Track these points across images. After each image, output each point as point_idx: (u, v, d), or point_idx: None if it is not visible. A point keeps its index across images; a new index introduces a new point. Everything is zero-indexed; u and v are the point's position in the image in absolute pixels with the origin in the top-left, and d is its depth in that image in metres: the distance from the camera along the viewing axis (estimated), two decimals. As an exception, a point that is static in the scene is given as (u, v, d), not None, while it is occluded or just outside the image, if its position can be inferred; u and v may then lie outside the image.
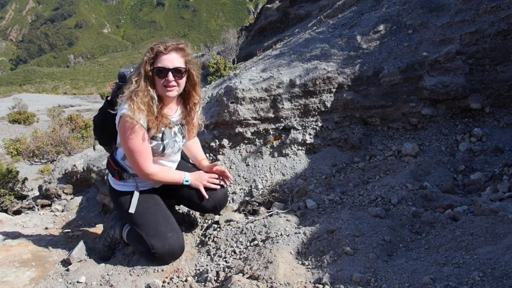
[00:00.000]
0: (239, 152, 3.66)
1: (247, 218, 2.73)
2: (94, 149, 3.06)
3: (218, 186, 2.55)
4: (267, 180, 3.41)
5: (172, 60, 2.21)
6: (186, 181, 2.46)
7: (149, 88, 2.20)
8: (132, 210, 2.36)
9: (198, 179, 2.49)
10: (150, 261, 2.36)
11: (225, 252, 2.38)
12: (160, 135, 2.32)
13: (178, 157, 2.59)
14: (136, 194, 2.41)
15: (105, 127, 2.47)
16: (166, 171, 2.44)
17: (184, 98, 2.44)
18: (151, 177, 2.33)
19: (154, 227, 2.32)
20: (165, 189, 2.57)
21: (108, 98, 2.47)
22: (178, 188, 2.52)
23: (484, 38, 3.44)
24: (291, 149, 3.56)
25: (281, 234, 2.35)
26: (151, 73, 2.21)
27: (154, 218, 2.37)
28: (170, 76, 2.21)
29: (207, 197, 2.49)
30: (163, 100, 2.31)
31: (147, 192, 2.47)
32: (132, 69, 2.40)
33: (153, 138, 2.30)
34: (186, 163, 2.71)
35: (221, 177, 2.59)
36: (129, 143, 2.20)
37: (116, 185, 2.50)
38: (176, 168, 2.58)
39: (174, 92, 2.28)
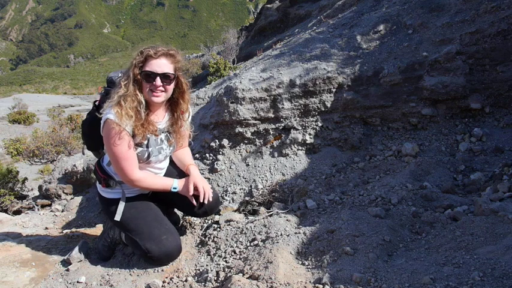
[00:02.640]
0: (239, 152, 3.66)
1: (247, 218, 2.73)
2: (83, 153, 2.96)
3: (203, 192, 2.43)
4: (267, 180, 3.41)
5: (162, 65, 2.16)
6: (174, 188, 2.40)
7: (137, 93, 2.15)
8: (117, 218, 2.32)
9: (185, 188, 2.42)
10: (148, 263, 2.35)
11: (225, 252, 2.38)
12: (145, 142, 2.26)
13: (165, 164, 2.53)
14: (122, 202, 2.36)
15: (93, 132, 2.39)
16: (153, 177, 2.38)
17: (172, 106, 2.37)
18: (137, 183, 2.27)
19: (148, 231, 2.29)
20: (155, 195, 2.53)
21: (97, 103, 2.41)
22: (167, 194, 2.47)
23: (484, 38, 3.44)
24: (291, 149, 3.56)
25: (281, 234, 2.35)
26: (140, 77, 2.16)
27: (146, 222, 2.33)
28: (158, 81, 2.15)
29: (195, 204, 2.43)
30: (150, 106, 2.25)
31: (136, 197, 2.43)
32: (120, 74, 2.34)
33: (138, 145, 2.24)
34: (174, 169, 2.63)
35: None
36: (113, 149, 2.15)
37: (103, 192, 2.46)
38: (164, 175, 2.52)
39: (161, 97, 2.21)
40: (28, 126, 16.53)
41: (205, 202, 2.41)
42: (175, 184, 2.41)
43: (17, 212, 4.72)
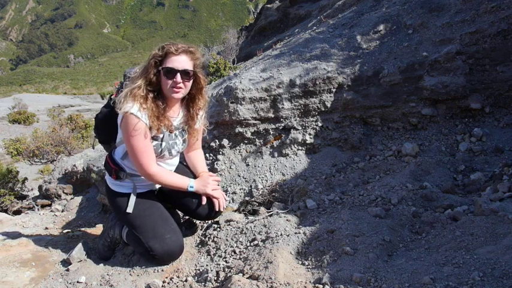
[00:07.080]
0: (239, 152, 3.66)
1: (247, 218, 2.73)
2: (93, 147, 3.04)
3: (220, 197, 2.51)
4: (267, 180, 3.41)
5: (182, 61, 2.21)
6: (190, 187, 2.42)
7: (153, 88, 2.22)
8: (129, 210, 2.34)
9: (204, 185, 2.46)
10: (149, 261, 2.36)
11: (225, 252, 2.38)
12: (160, 135, 2.31)
13: (176, 161, 2.57)
14: (133, 195, 2.40)
15: (107, 125, 2.46)
16: (169, 174, 2.42)
17: (188, 102, 2.42)
18: (154, 177, 2.30)
19: (152, 229, 2.31)
20: (162, 193, 2.56)
21: (112, 97, 2.46)
22: (174, 193, 2.50)
23: (484, 38, 3.44)
24: (291, 149, 3.56)
25: (281, 234, 2.35)
26: (159, 72, 2.22)
27: (151, 219, 2.35)
28: (178, 77, 2.19)
29: (204, 202, 2.46)
30: (167, 101, 2.31)
31: (144, 194, 2.46)
32: (137, 69, 2.39)
33: (152, 138, 2.28)
34: (184, 167, 2.68)
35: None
36: (132, 142, 2.19)
37: (113, 185, 2.48)
38: (174, 172, 2.56)
39: (180, 93, 2.26)
40: (28, 126, 16.55)
41: (221, 209, 2.51)
42: (192, 183, 2.43)
43: (17, 212, 4.73)
